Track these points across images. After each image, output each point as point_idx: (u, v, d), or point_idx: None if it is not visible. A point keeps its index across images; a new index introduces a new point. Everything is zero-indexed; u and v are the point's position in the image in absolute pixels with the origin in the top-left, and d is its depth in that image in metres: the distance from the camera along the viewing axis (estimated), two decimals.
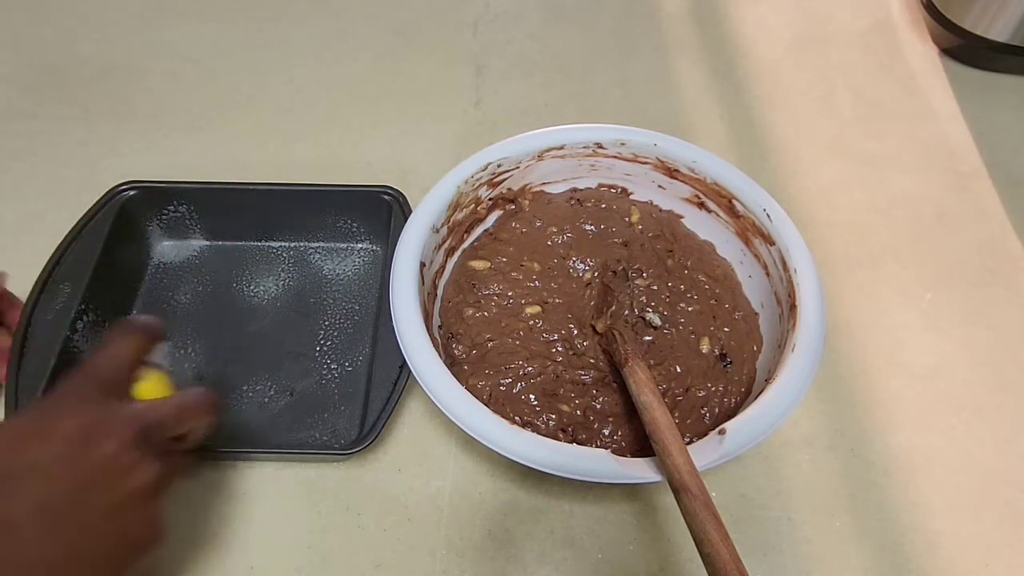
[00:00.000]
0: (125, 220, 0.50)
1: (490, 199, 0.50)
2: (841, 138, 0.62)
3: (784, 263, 0.44)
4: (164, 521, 0.32)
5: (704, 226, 0.51)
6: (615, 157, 0.50)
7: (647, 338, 0.46)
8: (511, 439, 0.36)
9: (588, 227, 0.50)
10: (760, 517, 0.43)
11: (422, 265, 0.44)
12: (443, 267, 0.48)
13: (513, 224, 0.50)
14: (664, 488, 0.38)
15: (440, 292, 0.48)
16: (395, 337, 0.40)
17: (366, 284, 0.52)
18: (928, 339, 0.50)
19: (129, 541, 0.29)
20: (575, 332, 0.45)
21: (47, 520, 0.26)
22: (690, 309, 0.47)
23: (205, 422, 0.35)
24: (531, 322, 0.46)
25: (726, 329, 0.46)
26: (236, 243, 0.53)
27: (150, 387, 0.34)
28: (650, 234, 0.50)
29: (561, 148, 0.49)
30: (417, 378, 0.39)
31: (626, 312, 0.45)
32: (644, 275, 0.48)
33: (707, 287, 0.48)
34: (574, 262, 0.49)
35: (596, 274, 0.48)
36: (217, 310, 0.50)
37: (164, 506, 0.33)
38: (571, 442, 0.41)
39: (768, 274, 0.46)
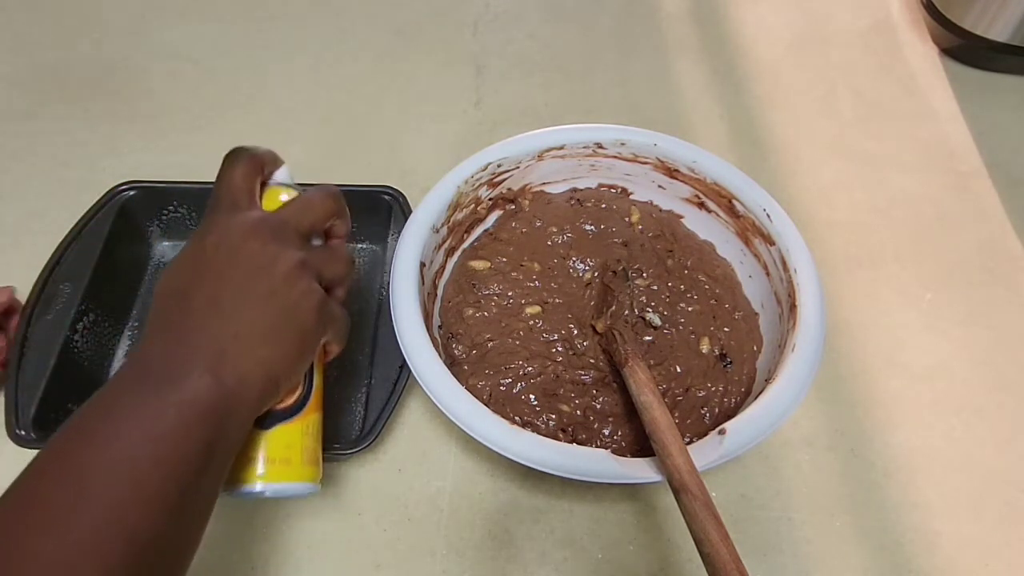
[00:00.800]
0: (125, 220, 0.50)
1: (490, 199, 0.50)
2: (841, 138, 0.62)
3: (784, 263, 0.44)
4: (336, 310, 0.35)
5: (704, 226, 0.51)
6: (615, 157, 0.50)
7: (647, 338, 0.46)
8: (511, 439, 0.36)
9: (588, 227, 0.50)
10: (760, 517, 0.43)
11: (422, 265, 0.44)
12: (443, 267, 0.48)
13: (513, 224, 0.50)
14: (664, 488, 0.38)
15: (440, 292, 0.48)
16: (395, 337, 0.40)
17: (366, 284, 0.52)
18: (928, 339, 0.50)
19: (298, 318, 0.33)
20: (575, 332, 0.45)
21: (219, 312, 0.31)
22: (690, 309, 0.47)
23: (334, 211, 0.37)
24: (531, 322, 0.46)
25: (726, 329, 0.46)
26: None
27: (274, 199, 0.37)
28: (650, 234, 0.50)
29: (561, 148, 0.49)
30: (417, 378, 0.39)
31: (626, 312, 0.45)
32: (644, 275, 0.48)
33: (707, 287, 0.48)
34: (574, 262, 0.49)
35: (596, 274, 0.48)
36: None
37: (341, 303, 0.37)
38: (571, 442, 0.41)
39: (768, 274, 0.46)
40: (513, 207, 0.51)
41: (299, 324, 0.33)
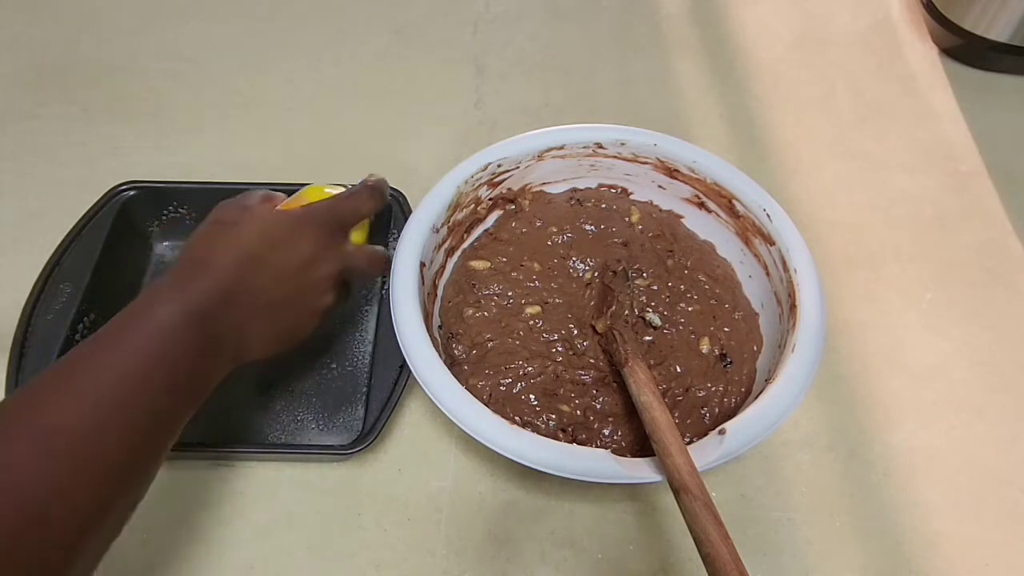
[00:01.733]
0: (125, 220, 0.50)
1: (490, 199, 0.50)
2: (841, 138, 0.62)
3: (784, 263, 0.44)
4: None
5: (704, 226, 0.51)
6: (615, 157, 0.50)
7: (647, 338, 0.46)
8: (511, 439, 0.36)
9: (588, 227, 0.50)
10: (760, 517, 0.43)
11: (422, 265, 0.44)
12: (443, 267, 0.48)
13: (513, 224, 0.50)
14: (664, 488, 0.38)
15: (440, 292, 0.48)
16: (395, 337, 0.40)
17: (366, 284, 0.52)
18: (928, 339, 0.50)
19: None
20: (575, 332, 0.45)
21: (263, 300, 0.37)
22: (690, 309, 0.47)
23: (377, 274, 0.45)
24: (531, 322, 0.46)
25: (726, 329, 0.46)
26: None
27: (359, 235, 0.43)
28: (650, 234, 0.50)
29: (561, 148, 0.49)
30: (417, 378, 0.39)
31: (626, 312, 0.45)
32: (644, 275, 0.48)
33: (707, 287, 0.48)
34: (574, 262, 0.49)
35: (596, 274, 0.48)
36: None
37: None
38: (571, 442, 0.41)
39: (768, 274, 0.46)
40: (513, 207, 0.51)
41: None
